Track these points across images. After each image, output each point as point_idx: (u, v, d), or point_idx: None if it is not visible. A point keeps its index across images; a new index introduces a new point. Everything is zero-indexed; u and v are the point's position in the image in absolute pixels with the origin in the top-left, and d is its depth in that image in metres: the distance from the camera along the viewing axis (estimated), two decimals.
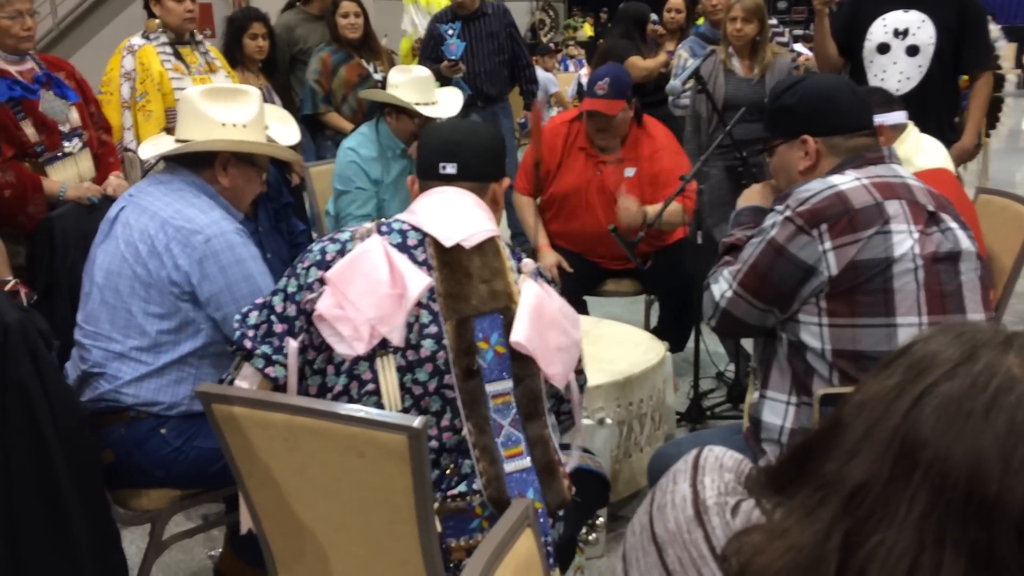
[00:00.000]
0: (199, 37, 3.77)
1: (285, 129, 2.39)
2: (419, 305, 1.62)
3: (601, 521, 1.94)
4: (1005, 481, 0.64)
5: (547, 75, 8.61)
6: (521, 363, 1.65)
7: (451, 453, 1.63)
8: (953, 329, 0.73)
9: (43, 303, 2.67)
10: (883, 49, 3.63)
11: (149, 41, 3.59)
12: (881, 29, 3.63)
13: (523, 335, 1.62)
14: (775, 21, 5.00)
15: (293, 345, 1.64)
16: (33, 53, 3.03)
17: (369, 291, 1.60)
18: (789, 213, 1.74)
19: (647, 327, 3.71)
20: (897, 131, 2.67)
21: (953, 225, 1.78)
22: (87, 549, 1.87)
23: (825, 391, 1.71)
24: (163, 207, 2.03)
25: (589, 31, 15.81)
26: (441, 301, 1.62)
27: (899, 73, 3.59)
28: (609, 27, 7.75)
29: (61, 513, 1.85)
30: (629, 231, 3.12)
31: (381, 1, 7.07)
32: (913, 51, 3.58)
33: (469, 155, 1.75)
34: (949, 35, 3.56)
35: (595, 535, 1.92)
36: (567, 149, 3.45)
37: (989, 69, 3.79)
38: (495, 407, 1.62)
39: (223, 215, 2.06)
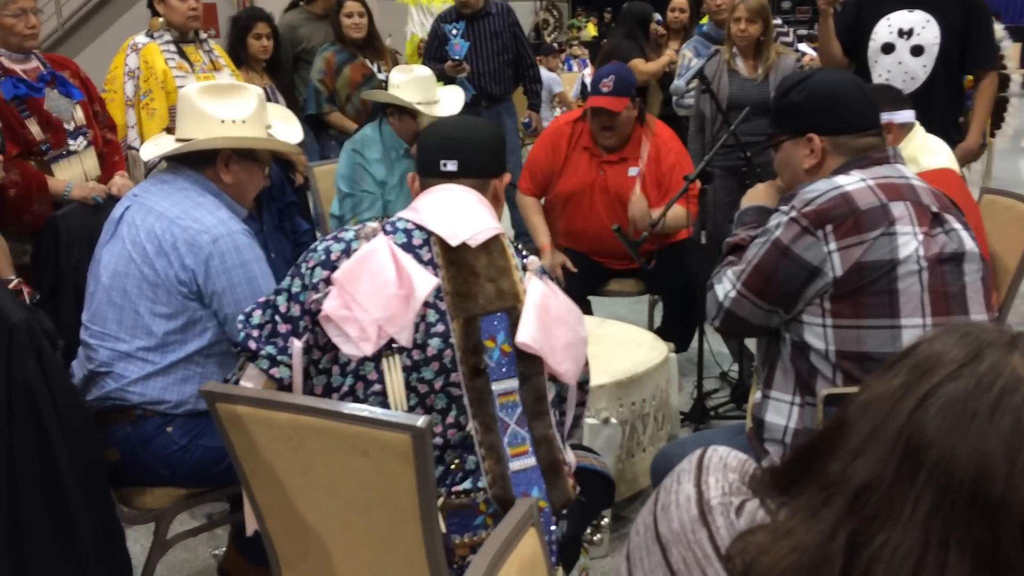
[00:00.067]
0: (203, 35, 3.78)
1: (288, 128, 2.39)
2: (426, 304, 1.62)
3: (605, 521, 1.94)
4: (1010, 481, 0.64)
5: (551, 75, 8.60)
6: (527, 362, 1.64)
7: (456, 449, 1.63)
8: (958, 330, 0.73)
9: (48, 302, 2.67)
10: (888, 49, 3.63)
11: (153, 39, 3.60)
12: (886, 29, 3.62)
13: (529, 335, 1.62)
14: (779, 21, 4.99)
15: (297, 346, 1.64)
16: (38, 52, 3.04)
17: (376, 291, 1.59)
18: (794, 214, 1.74)
19: (651, 327, 3.70)
20: (905, 130, 2.66)
21: (957, 226, 1.77)
22: (91, 548, 1.87)
23: (829, 391, 1.70)
24: (169, 207, 2.03)
25: (593, 31, 15.79)
26: (448, 300, 1.62)
27: (904, 73, 3.58)
28: (612, 27, 7.74)
29: (65, 512, 1.85)
30: (633, 230, 3.13)
31: (385, 1, 7.07)
32: (918, 51, 3.58)
33: (470, 152, 1.74)
34: (954, 35, 3.55)
35: (599, 535, 1.92)
36: (571, 149, 3.45)
37: (994, 69, 3.78)
38: (501, 405, 1.62)
39: (229, 215, 2.06)
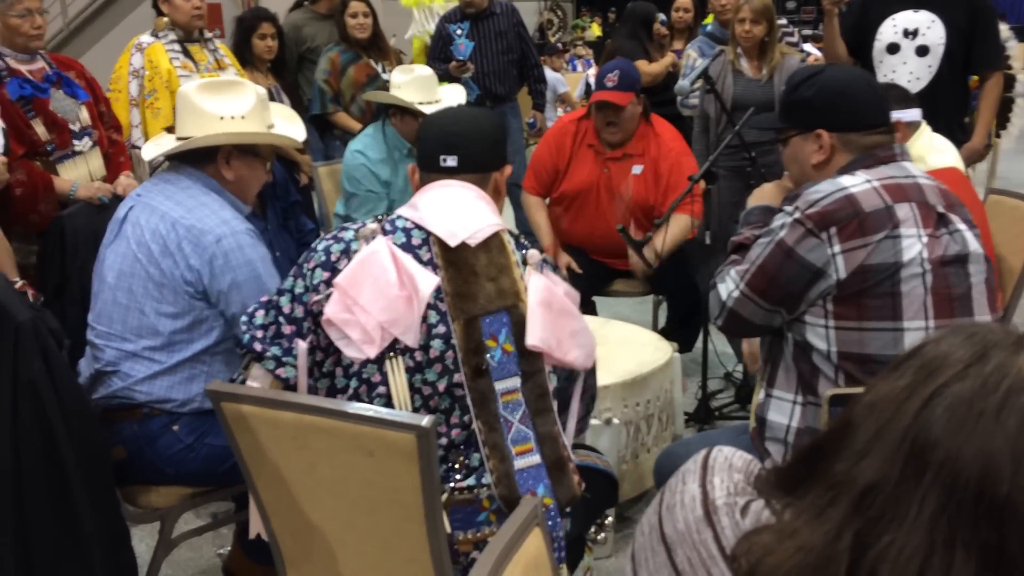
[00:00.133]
0: (208, 35, 3.78)
1: (291, 127, 2.39)
2: (427, 305, 1.62)
3: (609, 520, 1.94)
4: (1016, 481, 0.64)
5: (555, 75, 8.60)
6: (529, 359, 1.64)
7: (460, 448, 1.63)
8: (964, 330, 0.73)
9: (54, 302, 2.68)
10: (893, 49, 3.62)
11: (158, 39, 3.60)
12: (891, 29, 3.62)
13: (538, 337, 1.62)
14: (785, 21, 4.98)
15: (303, 346, 1.64)
16: (43, 52, 3.04)
17: (379, 294, 1.59)
18: (798, 215, 1.73)
19: (655, 327, 3.70)
20: (912, 128, 2.66)
21: (961, 227, 1.77)
22: (97, 546, 1.88)
23: (834, 392, 1.70)
24: (173, 207, 2.04)
25: (597, 31, 15.79)
26: (448, 300, 1.62)
27: (909, 73, 3.58)
28: (616, 27, 7.74)
29: (71, 511, 1.85)
30: (636, 230, 3.13)
31: (390, 1, 7.08)
32: (923, 51, 3.57)
33: (470, 146, 1.72)
34: (959, 35, 3.54)
35: (603, 534, 1.92)
36: (576, 146, 3.45)
37: (999, 69, 3.77)
38: (504, 404, 1.62)
39: (233, 214, 2.07)
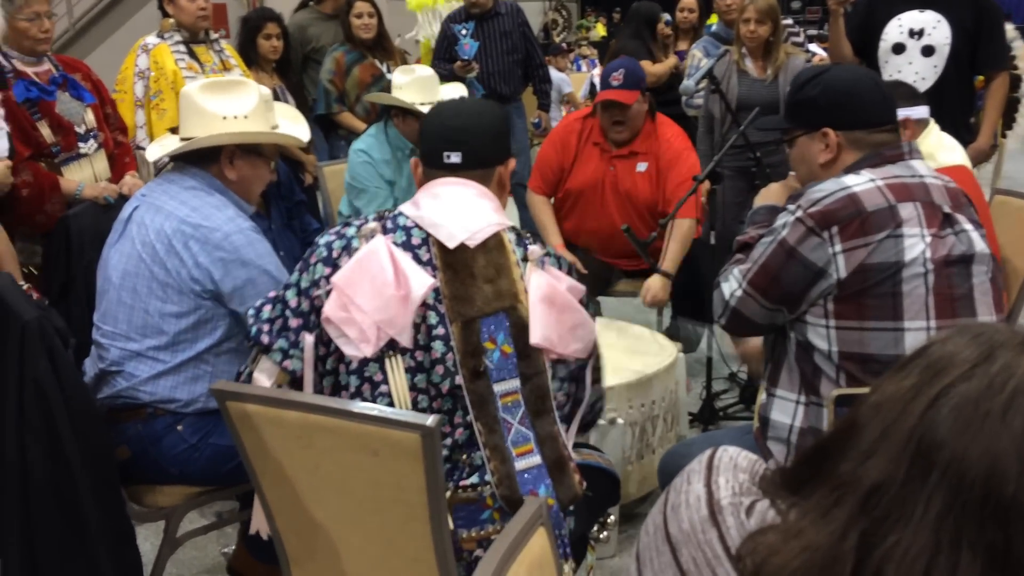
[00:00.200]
0: (214, 35, 3.79)
1: (295, 127, 2.39)
2: (427, 307, 1.62)
3: (612, 519, 1.94)
4: (1022, 482, 0.64)
5: (560, 75, 8.60)
6: (528, 361, 1.64)
7: (464, 447, 1.64)
8: (970, 330, 0.73)
9: (59, 301, 2.68)
10: (898, 49, 3.61)
11: (163, 40, 3.61)
12: (896, 29, 3.61)
13: (541, 335, 1.62)
14: (790, 21, 4.97)
15: (309, 340, 1.64)
16: (50, 54, 3.05)
17: (375, 294, 1.59)
18: (800, 214, 1.73)
19: (659, 327, 3.70)
20: (922, 126, 2.65)
21: (968, 227, 1.76)
22: (102, 545, 1.88)
23: (839, 392, 1.70)
24: (178, 206, 2.04)
25: (602, 31, 15.77)
26: (446, 303, 1.62)
27: (914, 73, 3.57)
28: (621, 27, 7.74)
29: (76, 510, 1.86)
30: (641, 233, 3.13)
31: (394, 1, 7.08)
32: (928, 51, 3.56)
33: (474, 142, 1.70)
34: (965, 35, 3.54)
35: (606, 533, 1.92)
36: (581, 145, 3.45)
37: (1005, 70, 3.77)
38: (504, 406, 1.62)
39: (236, 212, 2.07)
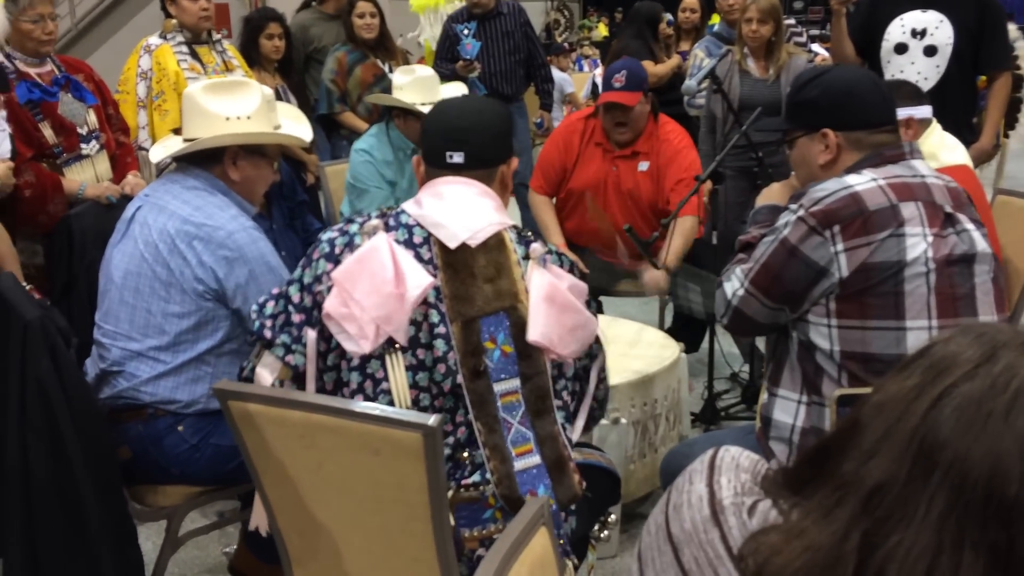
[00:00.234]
0: (216, 36, 3.79)
1: (298, 128, 2.40)
2: (428, 305, 1.62)
3: (613, 518, 1.94)
4: None
5: (562, 75, 8.60)
6: (528, 361, 1.64)
7: (466, 446, 1.64)
8: (973, 330, 0.73)
9: (61, 301, 2.69)
10: (901, 49, 3.61)
11: (166, 41, 3.61)
12: (899, 29, 3.61)
13: (539, 333, 1.62)
14: (793, 21, 4.97)
15: (311, 335, 1.64)
16: (52, 55, 3.05)
17: (374, 290, 1.60)
18: (802, 213, 1.73)
19: (661, 327, 3.70)
20: (925, 125, 2.65)
21: (969, 226, 1.76)
22: (104, 545, 1.89)
23: (842, 392, 1.70)
24: (181, 206, 2.04)
25: (604, 31, 15.77)
26: (447, 302, 1.62)
27: (917, 73, 3.57)
28: (622, 27, 7.74)
29: (78, 508, 1.86)
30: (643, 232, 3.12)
31: (397, 1, 7.08)
32: (931, 51, 3.56)
33: (477, 142, 1.70)
34: (967, 35, 3.53)
35: (607, 532, 1.92)
36: (584, 145, 3.45)
37: (1008, 70, 3.76)
38: (503, 406, 1.62)
39: (238, 212, 2.07)
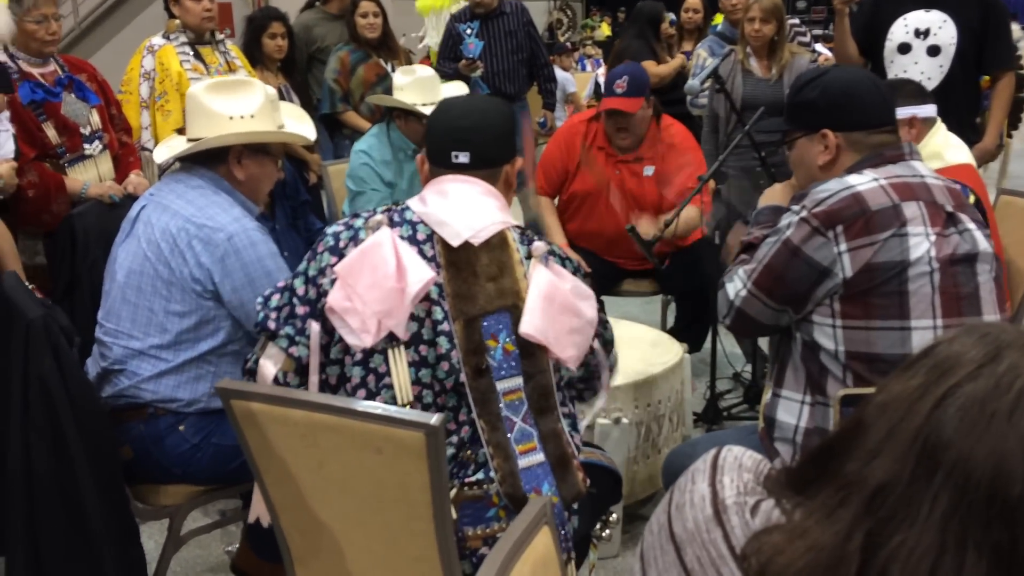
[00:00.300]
0: (220, 36, 3.79)
1: (301, 127, 2.40)
2: (432, 302, 1.62)
3: (615, 518, 1.94)
4: None
5: (565, 74, 8.60)
6: (531, 360, 1.64)
7: (469, 444, 1.64)
8: (977, 330, 0.72)
9: (64, 300, 2.69)
10: (904, 49, 3.61)
11: (169, 41, 3.62)
12: (902, 29, 3.60)
13: (532, 326, 1.62)
14: (797, 20, 4.97)
15: (315, 327, 1.65)
16: (56, 55, 3.05)
17: (376, 285, 1.60)
18: (805, 214, 1.73)
19: (664, 327, 3.70)
20: (928, 124, 2.64)
21: (971, 226, 1.76)
22: (106, 543, 1.89)
23: (845, 392, 1.70)
24: (184, 205, 2.05)
25: (607, 31, 15.76)
26: (449, 301, 1.63)
27: (920, 73, 3.56)
28: (625, 27, 7.74)
29: (80, 507, 1.86)
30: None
31: (400, 1, 7.09)
32: (934, 51, 3.55)
33: (481, 142, 1.71)
34: (971, 35, 3.53)
35: (608, 531, 1.92)
36: (586, 149, 3.44)
37: (1011, 70, 3.75)
38: (506, 404, 1.63)
39: (242, 212, 2.07)
